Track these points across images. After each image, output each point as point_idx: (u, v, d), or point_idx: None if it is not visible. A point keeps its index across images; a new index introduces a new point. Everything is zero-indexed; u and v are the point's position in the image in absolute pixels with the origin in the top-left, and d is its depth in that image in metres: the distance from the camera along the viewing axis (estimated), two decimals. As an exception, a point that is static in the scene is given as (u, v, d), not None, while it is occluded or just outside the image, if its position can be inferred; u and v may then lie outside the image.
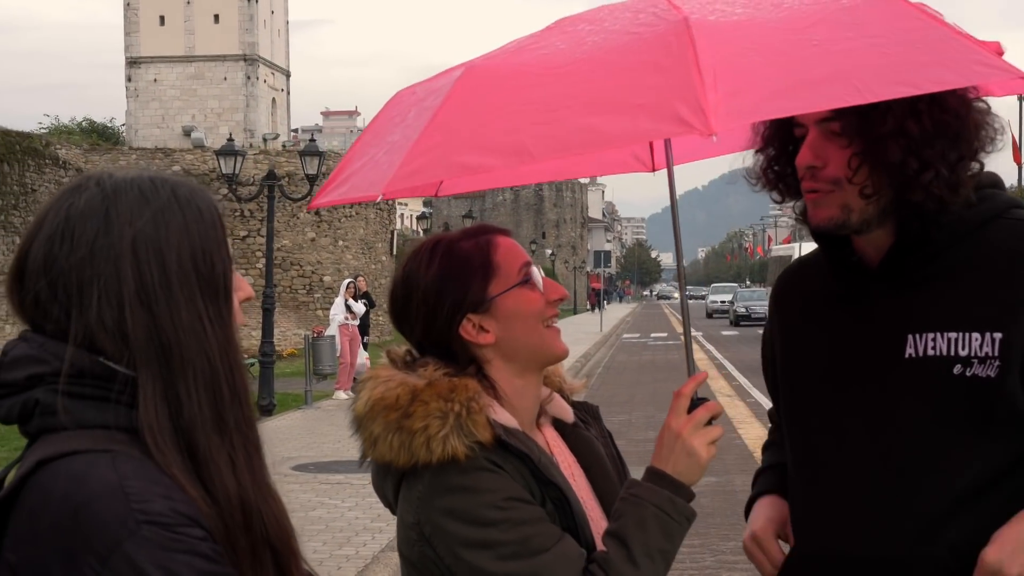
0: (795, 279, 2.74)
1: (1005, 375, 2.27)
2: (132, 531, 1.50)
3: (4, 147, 38.08)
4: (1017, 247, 2.33)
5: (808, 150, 2.35)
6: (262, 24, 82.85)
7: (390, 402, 2.22)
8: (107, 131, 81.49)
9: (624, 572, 2.17)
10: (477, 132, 2.09)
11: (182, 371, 1.65)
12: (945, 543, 2.31)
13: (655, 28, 2.05)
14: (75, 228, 1.66)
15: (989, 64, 1.95)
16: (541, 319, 2.36)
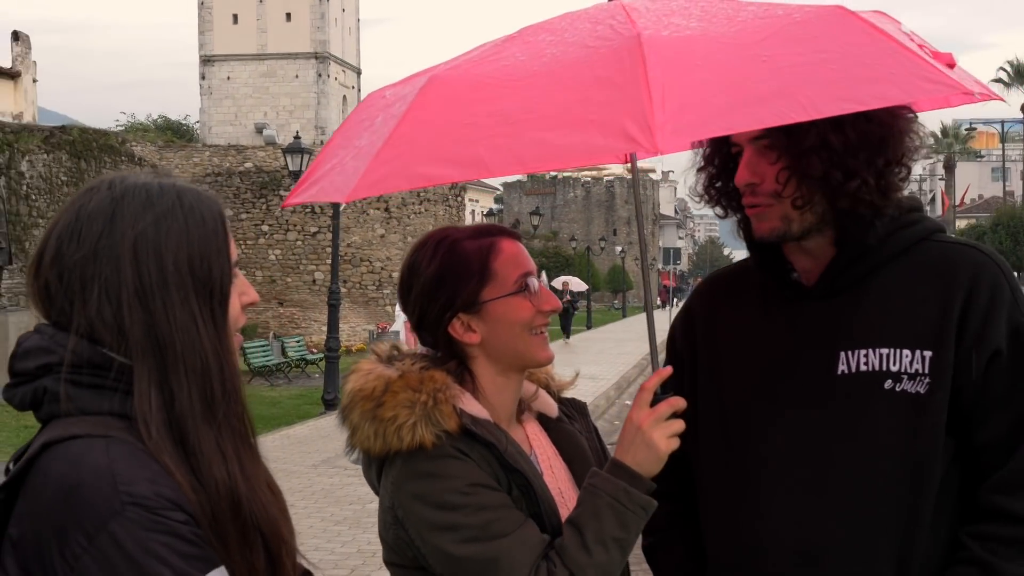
0: (724, 285, 2.75)
1: (934, 392, 2.32)
2: (117, 512, 1.62)
3: (82, 144, 38.68)
4: (944, 268, 2.38)
5: (745, 168, 2.41)
6: (333, 22, 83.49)
7: (366, 393, 2.37)
8: (181, 128, 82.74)
9: (577, 558, 2.25)
10: (436, 143, 2.14)
11: (175, 366, 1.77)
12: (871, 570, 2.34)
13: (610, 43, 2.09)
14: (83, 227, 1.80)
15: (934, 80, 1.98)
16: (529, 327, 2.45)
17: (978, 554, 2.30)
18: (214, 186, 44.31)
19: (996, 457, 2.32)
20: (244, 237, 44.56)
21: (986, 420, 2.33)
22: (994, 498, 2.32)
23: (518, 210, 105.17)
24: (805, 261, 2.49)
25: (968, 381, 2.32)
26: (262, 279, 44.48)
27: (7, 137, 33.86)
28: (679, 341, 2.75)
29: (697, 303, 2.77)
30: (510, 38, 2.36)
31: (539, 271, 2.52)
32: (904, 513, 2.33)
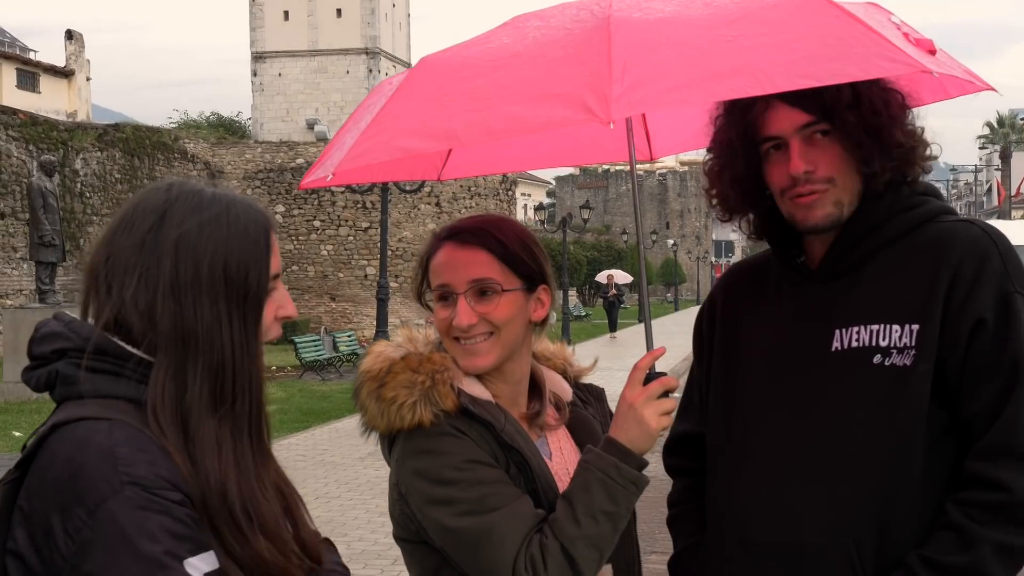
0: (746, 273, 2.84)
1: (919, 363, 2.37)
2: (116, 490, 1.73)
3: (135, 142, 39.10)
4: (939, 246, 2.43)
5: (799, 158, 2.45)
6: (383, 17, 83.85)
7: (373, 374, 2.46)
8: (234, 125, 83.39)
9: (567, 530, 2.31)
10: (415, 119, 2.25)
11: (193, 359, 1.90)
12: (851, 534, 2.40)
13: (585, 24, 2.20)
14: (136, 220, 1.95)
15: (893, 59, 2.03)
16: (448, 334, 2.51)
17: (956, 519, 2.35)
18: (266, 182, 44.65)
19: (981, 426, 2.36)
20: (296, 233, 44.84)
21: (973, 391, 2.37)
22: (975, 465, 2.36)
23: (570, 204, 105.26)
24: (818, 247, 2.56)
25: (953, 352, 2.37)
26: (314, 274, 44.77)
27: (61, 135, 34.30)
28: (704, 327, 2.84)
29: (720, 293, 2.86)
30: (505, 24, 2.46)
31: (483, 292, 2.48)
32: (884, 482, 2.39)
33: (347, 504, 12.02)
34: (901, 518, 2.39)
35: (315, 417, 19.43)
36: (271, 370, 29.08)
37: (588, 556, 2.32)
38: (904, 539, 2.39)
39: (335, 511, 11.67)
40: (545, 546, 2.30)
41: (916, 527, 2.39)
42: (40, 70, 58.04)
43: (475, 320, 2.45)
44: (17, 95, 51.93)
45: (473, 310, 2.46)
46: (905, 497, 2.39)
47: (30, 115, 33.79)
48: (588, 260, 72.91)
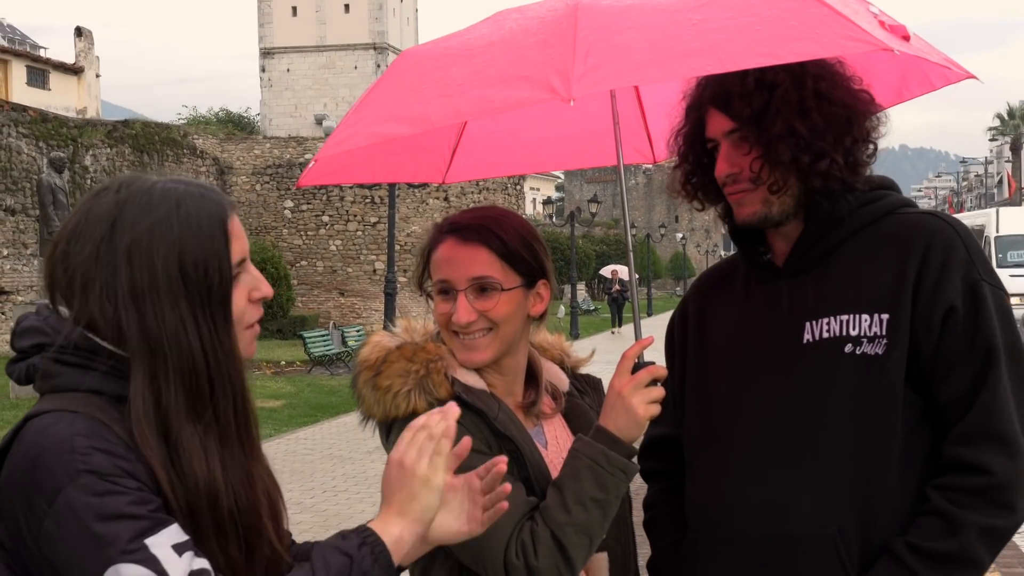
0: (715, 277, 2.90)
1: (891, 352, 2.41)
2: (72, 478, 1.74)
3: (144, 138, 39.08)
4: (902, 235, 2.48)
5: (723, 161, 2.55)
6: (391, 12, 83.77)
7: (369, 363, 2.51)
8: (242, 121, 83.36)
9: (557, 516, 2.35)
10: (392, 106, 2.34)
11: (163, 365, 1.88)
12: (835, 524, 2.43)
13: (555, 12, 2.26)
14: (89, 228, 1.93)
15: (853, 37, 2.07)
16: (447, 328, 2.55)
17: (939, 504, 2.38)
18: (275, 177, 44.65)
19: (957, 412, 2.40)
20: (305, 228, 44.87)
21: (947, 377, 2.41)
22: (955, 450, 2.40)
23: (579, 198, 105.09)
24: (782, 243, 2.61)
25: (926, 339, 2.40)
26: (323, 269, 44.79)
27: (71, 132, 34.33)
28: (675, 331, 2.89)
29: (692, 296, 2.91)
30: (487, 19, 2.52)
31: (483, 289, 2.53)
32: (865, 470, 2.42)
33: (354, 497, 12.07)
34: (883, 505, 2.42)
35: (323, 411, 19.49)
36: (280, 365, 29.15)
37: (578, 542, 2.35)
38: (887, 525, 2.42)
39: (342, 504, 11.73)
40: (535, 533, 2.34)
41: (898, 513, 2.43)
42: (50, 67, 58.10)
43: (474, 317, 2.49)
44: (27, 92, 52.01)
45: (473, 307, 2.49)
46: (886, 484, 2.42)
47: (40, 112, 33.84)
48: (597, 254, 72.84)
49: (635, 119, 3.18)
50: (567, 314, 44.35)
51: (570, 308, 43.24)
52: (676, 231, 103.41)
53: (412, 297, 42.17)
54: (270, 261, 28.56)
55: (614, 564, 2.61)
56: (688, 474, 2.74)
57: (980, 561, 2.38)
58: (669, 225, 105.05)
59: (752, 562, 2.51)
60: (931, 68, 2.54)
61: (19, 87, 53.33)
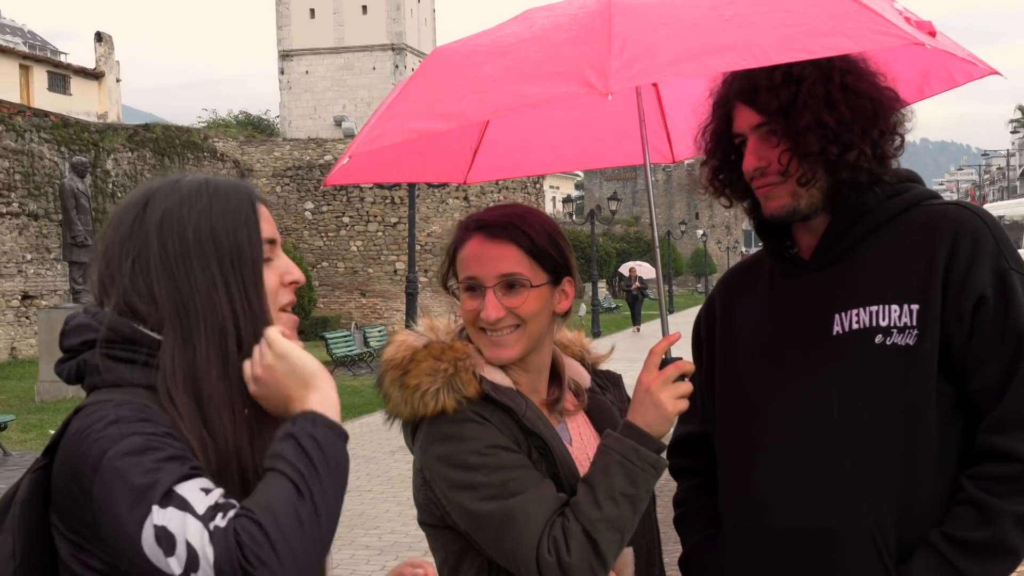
0: (741, 274, 2.91)
1: (922, 342, 2.42)
2: (115, 442, 1.80)
3: (165, 141, 39.18)
4: (930, 227, 2.49)
5: (751, 155, 2.56)
6: (409, 13, 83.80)
7: (396, 362, 2.52)
8: (262, 123, 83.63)
9: (588, 512, 2.36)
10: (427, 102, 2.36)
11: (197, 326, 1.96)
12: (872, 515, 2.44)
13: (587, 9, 2.27)
14: (122, 215, 2.05)
15: (884, 32, 2.08)
16: (474, 325, 2.56)
17: (974, 493, 2.39)
18: (295, 180, 44.69)
19: (990, 400, 2.41)
20: (326, 229, 44.90)
21: (979, 366, 2.42)
22: (988, 438, 2.41)
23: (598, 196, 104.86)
24: (808, 237, 2.63)
25: (958, 329, 2.42)
26: (344, 270, 44.82)
27: (92, 136, 34.47)
28: (702, 328, 2.90)
29: (718, 293, 2.93)
30: (516, 17, 2.54)
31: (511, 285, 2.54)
32: (900, 461, 2.43)
33: (379, 497, 12.12)
34: (919, 495, 2.43)
35: (346, 412, 19.53)
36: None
37: (609, 538, 2.36)
38: (923, 516, 2.43)
39: (367, 504, 11.79)
40: (567, 529, 2.35)
41: (934, 503, 2.44)
42: (71, 72, 58.34)
43: (503, 314, 2.50)
44: (48, 97, 52.22)
45: (501, 304, 2.50)
46: (921, 474, 2.43)
47: (61, 117, 34.02)
48: (617, 252, 72.73)
49: (655, 118, 3.19)
50: (588, 312, 44.29)
51: (591, 306, 43.19)
52: (696, 228, 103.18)
53: (433, 297, 42.18)
54: (291, 263, 28.46)
55: (639, 558, 2.62)
56: (720, 469, 2.75)
57: (1016, 549, 2.40)
58: (689, 222, 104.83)
59: (789, 555, 2.52)
60: (954, 64, 2.56)
61: (41, 92, 53.56)
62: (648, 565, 2.67)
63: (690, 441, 2.88)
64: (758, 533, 2.58)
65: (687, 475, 2.92)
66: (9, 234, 29.92)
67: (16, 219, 30.23)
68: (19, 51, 60.78)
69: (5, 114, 30.53)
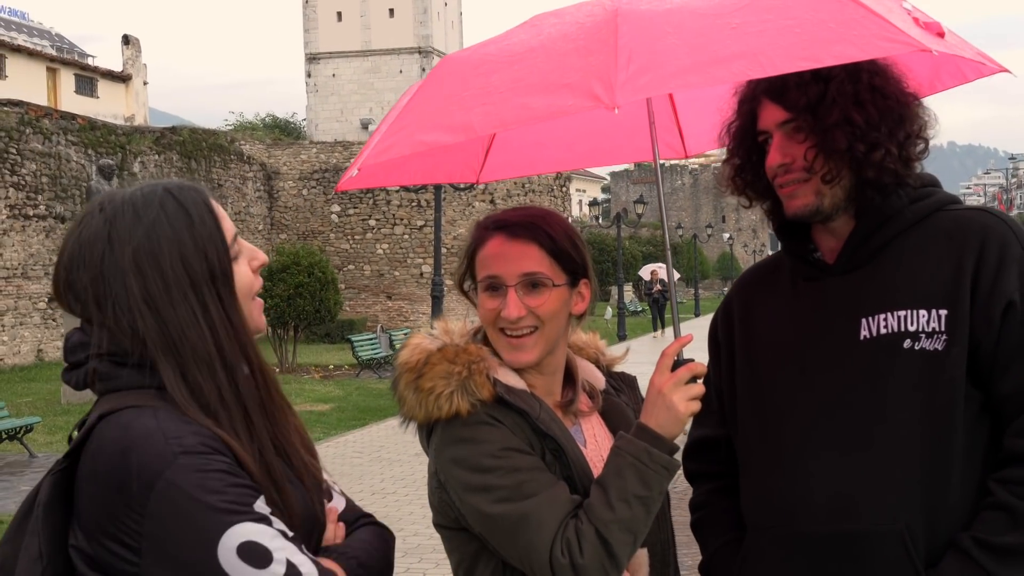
0: (760, 275, 2.91)
1: (951, 348, 2.42)
2: (171, 461, 1.86)
3: (192, 144, 39.36)
4: (957, 232, 2.50)
5: (776, 151, 2.56)
6: (436, 16, 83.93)
7: (410, 365, 2.53)
8: (289, 126, 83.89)
9: (601, 514, 2.37)
10: (435, 113, 2.36)
11: (189, 356, 2.01)
12: (902, 520, 2.43)
13: (594, 18, 2.27)
14: (86, 254, 2.04)
15: (892, 39, 2.07)
16: (493, 325, 2.57)
17: (1003, 498, 2.39)
18: (322, 182, 44.82)
19: (1018, 405, 2.41)
20: (352, 232, 45.03)
21: (1007, 371, 2.42)
22: (1016, 443, 2.41)
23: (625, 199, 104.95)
24: (830, 240, 2.62)
25: (986, 334, 2.42)
26: (370, 273, 44.94)
27: (119, 139, 34.64)
28: (719, 330, 2.90)
29: (735, 294, 2.92)
30: (524, 24, 2.54)
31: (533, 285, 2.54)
32: (929, 465, 2.43)
33: (403, 500, 12.14)
34: (947, 499, 2.43)
35: (372, 414, 19.59)
36: (328, 369, 29.31)
37: (623, 540, 2.37)
38: (951, 520, 2.43)
39: (391, 506, 11.81)
40: (581, 531, 2.36)
41: (962, 507, 2.44)
42: (98, 75, 58.67)
43: (524, 313, 2.51)
44: (76, 100, 52.54)
45: (522, 303, 2.51)
46: (949, 478, 2.43)
47: (89, 120, 34.19)
48: (644, 255, 72.66)
49: (667, 114, 3.19)
50: (614, 315, 44.25)
51: (617, 309, 43.11)
52: (723, 231, 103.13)
53: (460, 300, 41.77)
54: (317, 266, 28.59)
55: (654, 559, 2.63)
56: (744, 473, 2.74)
57: None
58: (716, 225, 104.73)
59: (816, 560, 2.52)
60: (965, 62, 2.53)
61: (68, 95, 53.89)
62: (663, 566, 2.68)
63: (706, 445, 2.87)
64: (784, 538, 2.57)
65: (704, 479, 2.92)
66: (36, 236, 30.08)
67: (43, 221, 30.39)
68: (46, 54, 61.14)
69: (32, 117, 30.70)
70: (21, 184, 29.70)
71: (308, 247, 32.24)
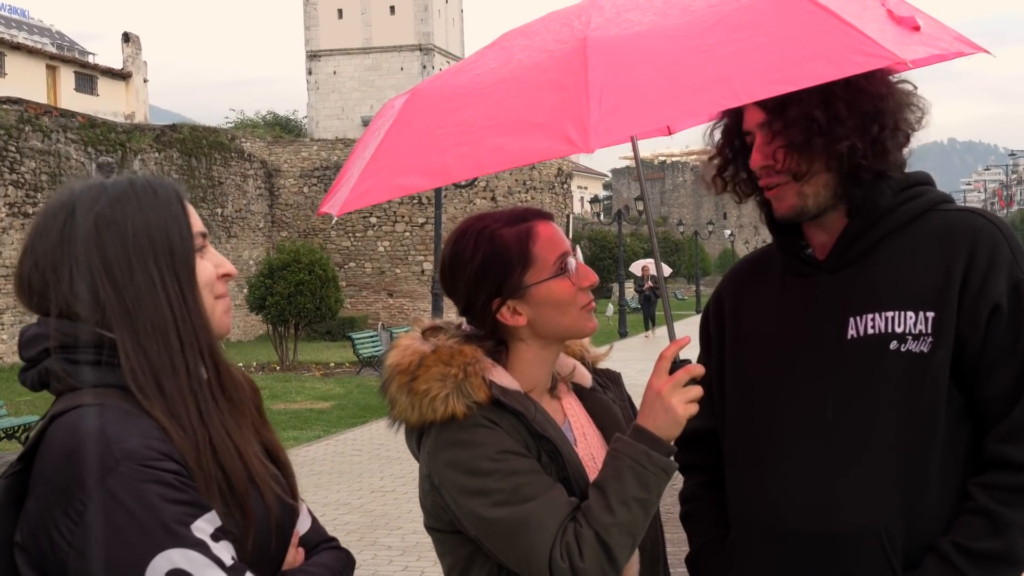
0: (750, 268, 2.89)
1: (937, 350, 2.42)
2: (112, 468, 1.80)
3: (192, 142, 39.34)
4: (947, 234, 2.48)
5: (757, 152, 2.55)
6: (437, 13, 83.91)
7: (403, 367, 2.49)
8: (290, 123, 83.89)
9: (601, 518, 2.35)
10: (411, 154, 2.30)
11: (144, 327, 1.97)
12: (881, 520, 2.43)
13: (564, 46, 2.21)
14: (48, 222, 2.03)
15: (867, 53, 2.02)
16: (572, 304, 2.56)
17: (984, 503, 2.40)
18: (323, 180, 44.82)
19: (1001, 409, 2.41)
20: (353, 229, 45.04)
21: (991, 374, 2.42)
22: (998, 447, 2.41)
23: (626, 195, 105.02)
24: (821, 236, 2.61)
25: (972, 337, 2.42)
26: (371, 270, 44.96)
27: (119, 137, 34.63)
28: (710, 322, 2.89)
29: (725, 287, 2.91)
30: (492, 45, 2.50)
31: (574, 247, 2.61)
32: (911, 466, 2.43)
33: (402, 498, 12.10)
34: (927, 501, 2.43)
35: (372, 412, 19.55)
36: (329, 366, 29.30)
37: (622, 542, 2.36)
38: (930, 522, 2.43)
39: (390, 504, 11.79)
40: (580, 534, 2.34)
41: (941, 510, 2.44)
42: (98, 73, 58.66)
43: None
44: (76, 98, 52.51)
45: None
46: (930, 480, 2.43)
47: (88, 118, 34.16)
48: (644, 252, 72.76)
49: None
50: (615, 312, 44.23)
51: (618, 306, 43.05)
52: (724, 228, 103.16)
53: (460, 297, 42.12)
54: (318, 263, 28.56)
55: (644, 557, 2.63)
56: (728, 469, 2.75)
57: (1022, 559, 2.41)
58: (717, 222, 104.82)
59: (799, 558, 2.52)
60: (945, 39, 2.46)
61: (68, 93, 53.87)
62: (653, 563, 2.67)
63: (698, 436, 2.84)
64: (768, 535, 2.57)
65: (695, 471, 2.92)
66: (36, 234, 30.05)
67: (43, 219, 30.35)
68: (46, 51, 61.12)
69: (32, 114, 30.68)
70: (20, 182, 29.68)
71: (309, 245, 32.22)
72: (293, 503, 2.13)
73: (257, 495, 2.01)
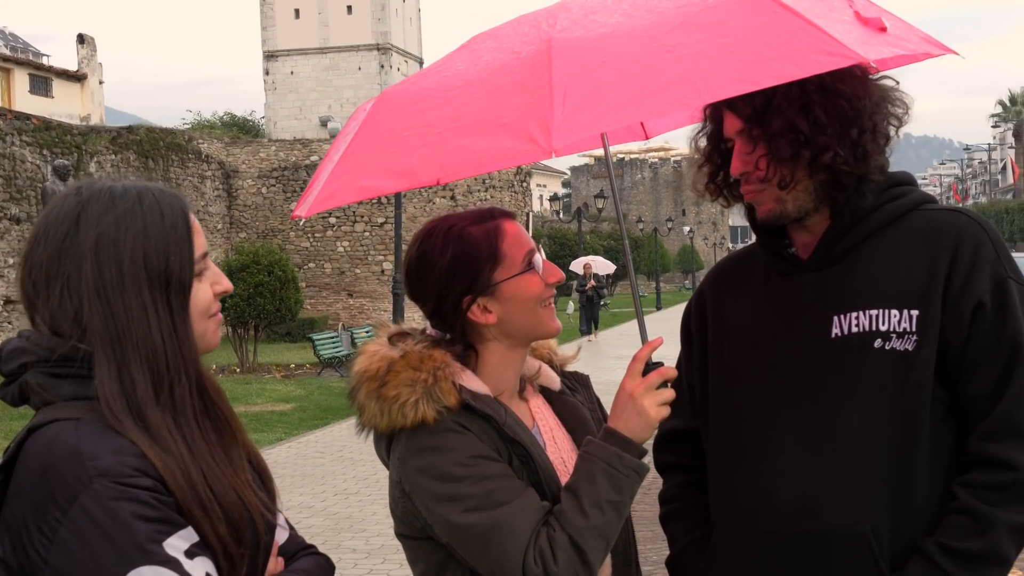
0: (733, 267, 2.89)
1: (921, 349, 2.42)
2: (86, 485, 1.79)
3: (149, 144, 39.06)
4: (931, 234, 2.49)
5: (736, 160, 2.56)
6: (394, 12, 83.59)
7: (371, 373, 2.47)
8: (247, 124, 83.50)
9: (575, 521, 2.35)
10: (377, 156, 2.31)
11: (133, 354, 1.94)
12: (867, 520, 2.43)
13: (530, 47, 2.22)
14: (51, 230, 1.99)
15: (831, 52, 2.03)
16: (539, 301, 2.56)
17: (968, 502, 2.40)
18: (281, 180, 44.62)
19: (984, 407, 2.42)
20: (312, 230, 44.85)
21: (974, 372, 2.42)
22: (981, 446, 2.42)
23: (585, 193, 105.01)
24: (804, 236, 2.62)
25: (955, 335, 2.42)
26: (331, 271, 44.79)
27: (75, 139, 34.31)
28: (692, 321, 2.89)
29: (708, 286, 2.91)
30: (462, 47, 2.50)
31: (537, 245, 2.61)
32: (895, 466, 2.43)
33: (366, 500, 12.07)
34: (912, 500, 2.44)
35: (334, 414, 19.48)
36: (289, 368, 29.19)
37: (596, 546, 2.35)
38: (915, 521, 2.44)
39: (354, 507, 11.76)
40: (553, 539, 2.33)
41: (927, 509, 2.44)
42: (53, 75, 58.08)
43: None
44: (30, 100, 52.00)
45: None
46: (915, 479, 2.43)
47: (43, 120, 33.82)
48: (605, 249, 72.82)
49: None
50: (576, 310, 44.21)
51: (579, 304, 43.00)
52: (683, 224, 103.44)
53: (420, 297, 42.02)
54: (277, 264, 28.42)
55: (616, 559, 2.63)
56: (712, 469, 2.74)
57: (1009, 558, 2.41)
58: (676, 219, 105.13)
59: (782, 559, 2.52)
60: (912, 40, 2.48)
61: (22, 95, 53.31)
62: (625, 564, 2.67)
63: (677, 436, 2.86)
64: (751, 535, 2.57)
65: (674, 471, 2.92)
66: (-8, 238, 29.74)
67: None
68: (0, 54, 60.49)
69: (-13, 118, 30.32)
70: (-24, 186, 29.35)
71: (268, 246, 32.08)
72: (274, 519, 2.12)
73: (250, 521, 1.99)
